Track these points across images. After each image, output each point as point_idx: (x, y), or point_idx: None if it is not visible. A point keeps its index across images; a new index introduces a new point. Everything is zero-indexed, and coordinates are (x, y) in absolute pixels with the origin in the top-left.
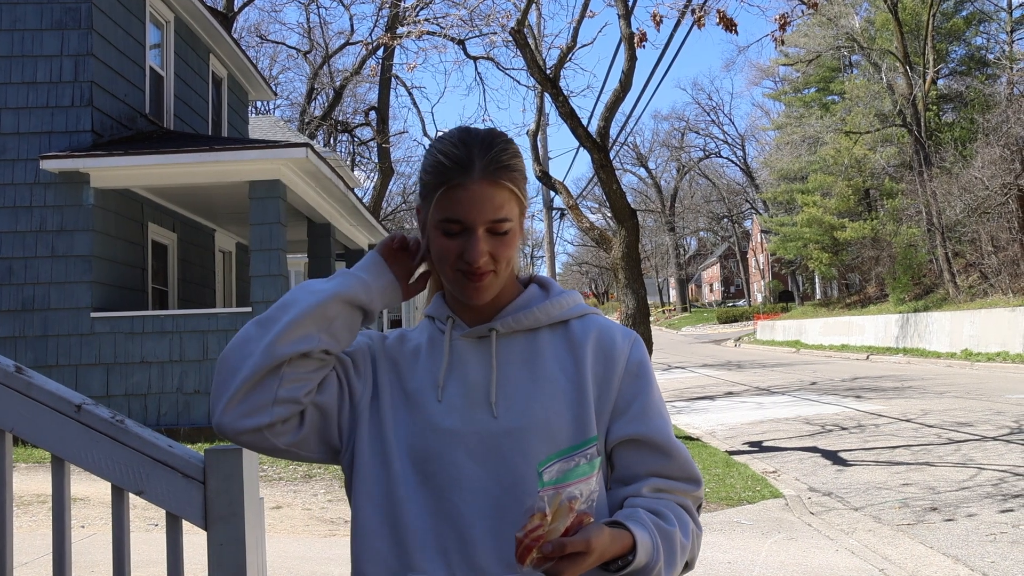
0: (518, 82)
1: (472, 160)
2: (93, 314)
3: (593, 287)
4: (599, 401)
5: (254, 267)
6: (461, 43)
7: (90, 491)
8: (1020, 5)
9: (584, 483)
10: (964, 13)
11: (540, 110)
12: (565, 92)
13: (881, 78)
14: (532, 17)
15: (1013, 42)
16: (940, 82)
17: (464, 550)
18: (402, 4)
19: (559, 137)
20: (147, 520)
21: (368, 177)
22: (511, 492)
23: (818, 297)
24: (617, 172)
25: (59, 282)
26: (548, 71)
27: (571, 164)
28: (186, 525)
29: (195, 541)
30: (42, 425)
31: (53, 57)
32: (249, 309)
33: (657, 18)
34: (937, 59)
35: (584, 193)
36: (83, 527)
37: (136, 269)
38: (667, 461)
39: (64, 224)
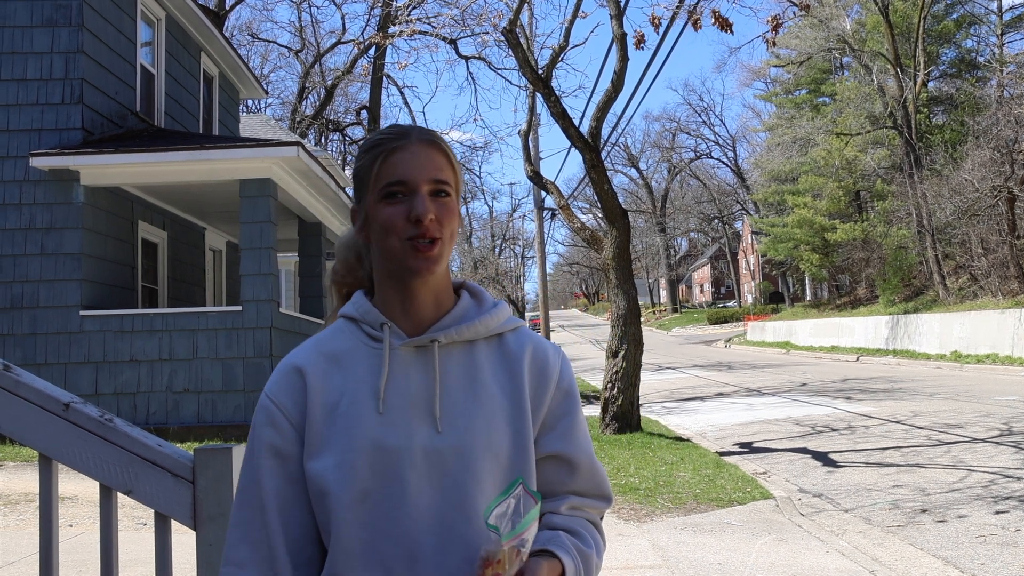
0: (510, 82)
1: (408, 131)
2: (82, 312)
3: (584, 287)
4: (532, 414)
5: (244, 266)
6: (453, 43)
7: (79, 490)
8: (1010, 8)
9: (533, 528)
10: (955, 16)
11: (532, 110)
12: (557, 92)
13: (872, 80)
14: (524, 17)
15: (1003, 45)
16: (931, 84)
17: (412, 567)
18: (394, 3)
19: (550, 137)
20: (136, 519)
21: None
22: (458, 508)
23: (808, 298)
24: (608, 173)
25: (48, 280)
26: (540, 71)
27: (562, 164)
28: (176, 524)
29: (184, 540)
30: (30, 423)
31: (43, 54)
32: (239, 308)
33: (656, 21)
34: (928, 61)
35: (575, 193)
36: (71, 526)
37: (126, 267)
38: (586, 480)
39: (54, 222)
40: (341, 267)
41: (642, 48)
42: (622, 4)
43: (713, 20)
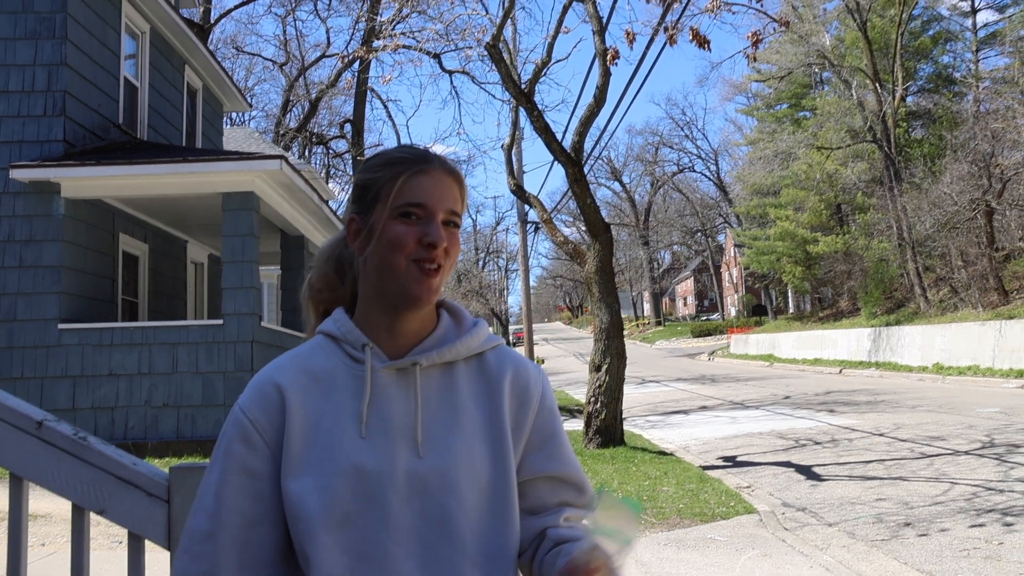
0: (493, 96)
1: (431, 156)
2: (61, 325)
3: (567, 300)
4: (513, 434)
5: (226, 279)
6: (437, 57)
7: (52, 507)
8: (984, 26)
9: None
10: (931, 32)
11: (515, 124)
12: (540, 107)
13: (851, 95)
14: (507, 32)
15: (978, 61)
16: (909, 99)
17: None
18: (378, 18)
19: (534, 151)
20: (111, 537)
21: (343, 189)
22: (441, 531)
23: (791, 311)
24: (591, 186)
25: (26, 293)
26: (523, 86)
27: (546, 178)
28: (151, 543)
29: (160, 559)
30: (1, 442)
31: (26, 66)
32: (220, 321)
33: (630, 36)
34: (906, 77)
35: (558, 207)
36: (43, 545)
37: (106, 280)
38: (579, 495)
39: (33, 234)
40: (318, 281)
41: (616, 64)
42: (604, 20)
43: (691, 37)
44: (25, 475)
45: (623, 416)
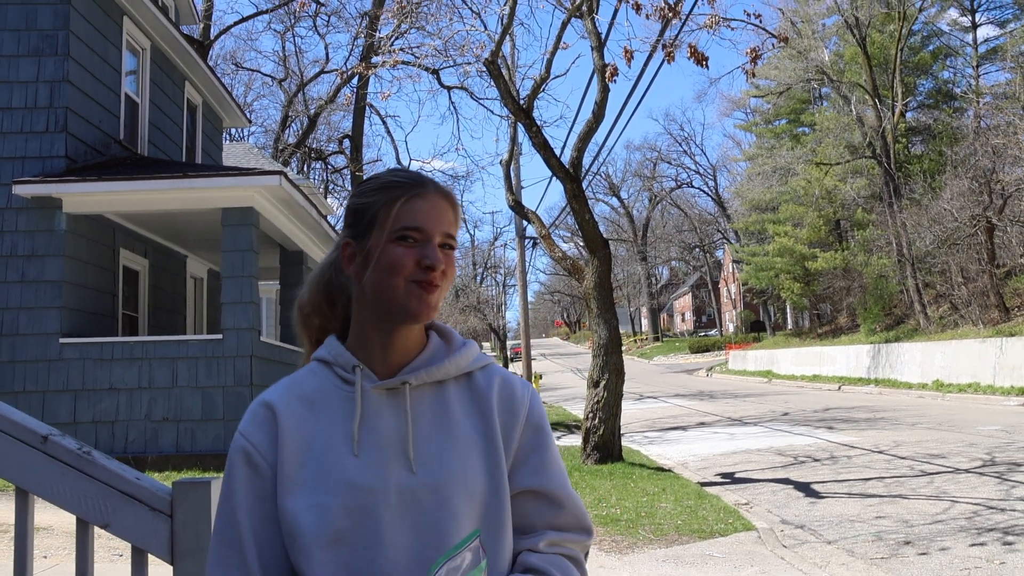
0: (492, 112)
1: (425, 180)
2: (62, 340)
3: (565, 316)
4: (504, 450)
5: (225, 294)
6: (435, 73)
7: (54, 520)
8: (984, 41)
9: None
10: (931, 48)
11: (513, 140)
12: (538, 122)
13: (851, 110)
14: (506, 48)
15: (979, 76)
16: (909, 115)
17: None
18: (377, 34)
19: (532, 166)
20: (111, 550)
21: (341, 205)
22: (435, 547)
23: (790, 327)
24: (590, 202)
25: (28, 307)
26: (522, 101)
27: (544, 193)
28: (152, 557)
29: (162, 573)
30: (6, 456)
31: (29, 83)
32: (220, 336)
33: (628, 53)
34: (905, 92)
35: (556, 222)
36: (45, 557)
37: (107, 295)
38: (564, 513)
39: (35, 249)
40: (308, 304)
41: (614, 80)
42: (603, 36)
43: (689, 54)
44: (30, 489)
45: (621, 432)
